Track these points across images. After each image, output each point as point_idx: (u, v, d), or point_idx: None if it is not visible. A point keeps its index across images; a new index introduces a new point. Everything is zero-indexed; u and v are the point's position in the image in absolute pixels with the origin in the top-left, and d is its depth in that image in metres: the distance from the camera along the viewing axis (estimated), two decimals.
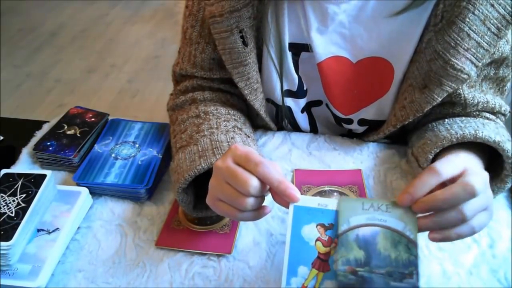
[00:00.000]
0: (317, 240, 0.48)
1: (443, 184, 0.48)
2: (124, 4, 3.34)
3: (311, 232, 0.48)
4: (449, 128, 0.64)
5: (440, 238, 0.48)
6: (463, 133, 0.61)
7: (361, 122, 0.75)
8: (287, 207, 0.49)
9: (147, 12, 3.21)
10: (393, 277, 0.46)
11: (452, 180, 0.48)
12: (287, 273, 0.48)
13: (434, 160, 0.65)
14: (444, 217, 0.47)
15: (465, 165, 0.49)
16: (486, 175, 0.49)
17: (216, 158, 0.58)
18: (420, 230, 0.47)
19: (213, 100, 0.74)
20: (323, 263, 0.48)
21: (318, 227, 0.48)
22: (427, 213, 0.48)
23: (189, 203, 0.62)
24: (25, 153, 0.79)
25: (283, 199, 0.49)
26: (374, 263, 0.46)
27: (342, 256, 0.47)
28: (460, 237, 0.48)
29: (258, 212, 0.52)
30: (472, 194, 0.46)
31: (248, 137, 0.69)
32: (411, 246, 0.46)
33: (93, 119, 0.82)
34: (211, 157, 0.59)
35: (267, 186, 0.50)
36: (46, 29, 3.05)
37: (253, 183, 0.48)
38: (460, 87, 0.65)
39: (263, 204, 0.53)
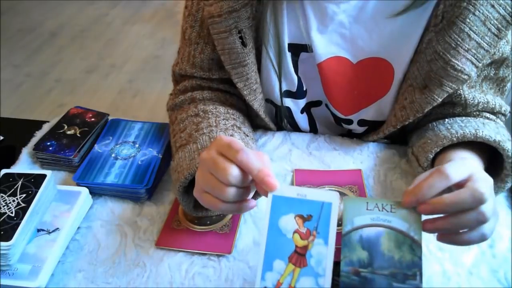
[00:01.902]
0: (295, 232, 0.46)
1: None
2: (124, 4, 3.35)
3: (289, 223, 0.46)
4: (449, 127, 0.64)
5: (449, 242, 0.48)
6: (464, 133, 0.61)
7: (361, 122, 0.75)
8: (267, 196, 0.48)
9: (147, 12, 3.21)
10: (396, 278, 0.45)
11: (458, 184, 0.47)
12: (262, 267, 0.46)
13: (434, 159, 0.65)
14: (461, 219, 0.46)
15: (472, 169, 0.48)
16: (491, 181, 0.49)
17: None
18: (430, 231, 0.47)
19: (212, 100, 0.74)
20: (300, 257, 0.46)
21: (297, 218, 0.46)
22: (437, 215, 0.47)
23: (190, 202, 0.62)
24: (25, 153, 0.79)
25: (263, 188, 0.48)
26: (377, 264, 0.46)
27: (345, 256, 0.46)
28: (469, 243, 0.48)
29: (241, 204, 0.51)
30: (480, 201, 0.45)
31: (247, 136, 0.69)
32: (415, 247, 0.46)
33: (93, 119, 0.82)
34: None
35: (249, 176, 0.49)
36: (46, 29, 3.05)
37: (233, 171, 0.48)
38: (461, 88, 0.65)
39: (249, 198, 0.52)
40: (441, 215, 0.47)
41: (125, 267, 0.61)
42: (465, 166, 0.48)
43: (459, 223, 0.46)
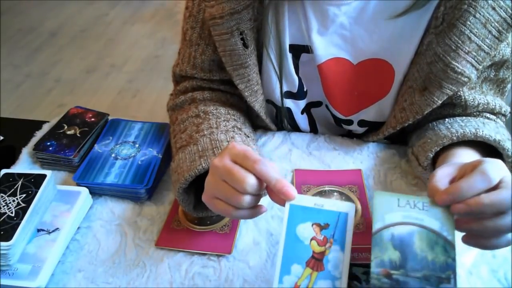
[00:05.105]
0: (312, 239, 0.47)
1: None
2: (124, 4, 3.35)
3: (306, 231, 0.47)
4: (449, 127, 0.65)
5: (476, 245, 0.47)
6: (464, 132, 0.61)
7: (361, 123, 0.75)
8: (283, 205, 0.49)
9: (147, 12, 3.21)
10: (430, 281, 0.43)
11: None
12: (280, 271, 0.47)
13: (434, 159, 0.65)
14: (499, 223, 0.43)
15: (504, 171, 0.46)
16: None
17: None
18: (463, 231, 0.46)
19: (213, 100, 0.74)
20: (317, 262, 0.47)
21: (314, 226, 0.47)
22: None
23: (190, 203, 0.62)
24: (25, 153, 0.79)
25: (279, 197, 0.49)
26: (410, 265, 0.44)
27: (376, 257, 0.44)
28: (497, 247, 0.46)
29: (254, 210, 0.52)
30: None
31: (248, 137, 0.69)
32: (449, 247, 0.44)
33: (93, 119, 0.82)
34: (211, 157, 0.59)
35: (264, 184, 0.49)
36: (46, 29, 3.05)
37: (250, 181, 0.48)
38: (461, 89, 0.65)
39: (259, 204, 0.52)
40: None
41: (125, 267, 0.61)
42: (500, 167, 0.46)
43: (495, 227, 0.44)
